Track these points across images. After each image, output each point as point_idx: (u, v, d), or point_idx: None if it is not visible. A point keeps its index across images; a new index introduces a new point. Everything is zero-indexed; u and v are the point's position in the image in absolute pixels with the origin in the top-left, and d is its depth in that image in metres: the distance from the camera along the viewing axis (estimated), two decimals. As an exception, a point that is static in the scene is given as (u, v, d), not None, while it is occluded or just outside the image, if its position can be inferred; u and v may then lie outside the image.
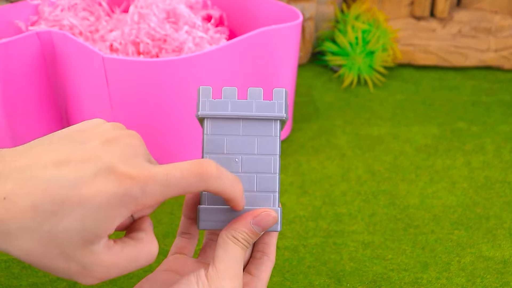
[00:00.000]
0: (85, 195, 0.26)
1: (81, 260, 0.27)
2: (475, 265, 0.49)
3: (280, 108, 0.35)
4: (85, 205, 0.26)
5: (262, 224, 0.34)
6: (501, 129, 0.71)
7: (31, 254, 0.26)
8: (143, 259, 0.30)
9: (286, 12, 0.64)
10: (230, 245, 0.33)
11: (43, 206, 0.25)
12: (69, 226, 0.26)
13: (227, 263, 0.32)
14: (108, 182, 0.26)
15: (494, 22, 0.84)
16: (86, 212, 0.26)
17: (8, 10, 0.64)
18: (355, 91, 0.80)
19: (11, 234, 0.26)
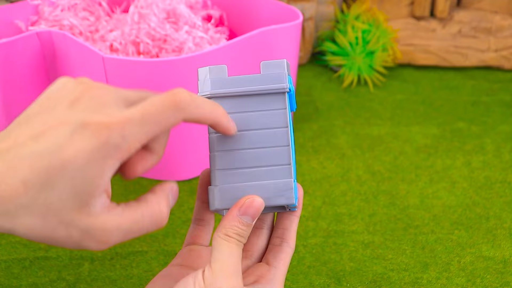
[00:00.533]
0: (66, 158, 0.26)
1: (80, 224, 0.27)
2: (475, 265, 0.49)
3: (289, 80, 0.33)
4: (69, 168, 0.26)
5: (249, 212, 0.33)
6: (501, 129, 0.71)
7: (34, 229, 0.26)
8: (147, 222, 0.29)
9: (286, 12, 0.64)
10: (223, 243, 0.32)
11: (31, 180, 0.26)
12: (61, 192, 0.26)
13: (223, 262, 0.31)
14: (85, 138, 0.26)
15: (494, 22, 0.84)
16: (73, 174, 0.26)
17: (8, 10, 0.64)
18: (355, 91, 0.80)
19: (12, 213, 0.26)
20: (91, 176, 0.26)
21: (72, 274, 0.47)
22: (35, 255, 0.49)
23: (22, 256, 0.49)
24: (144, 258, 0.49)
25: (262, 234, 0.38)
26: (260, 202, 0.33)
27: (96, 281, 0.47)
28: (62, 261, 0.49)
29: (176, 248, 0.51)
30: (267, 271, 0.35)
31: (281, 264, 0.36)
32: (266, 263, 0.36)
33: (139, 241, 0.51)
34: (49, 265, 0.48)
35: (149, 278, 0.47)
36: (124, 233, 0.28)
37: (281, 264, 0.36)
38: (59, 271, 0.48)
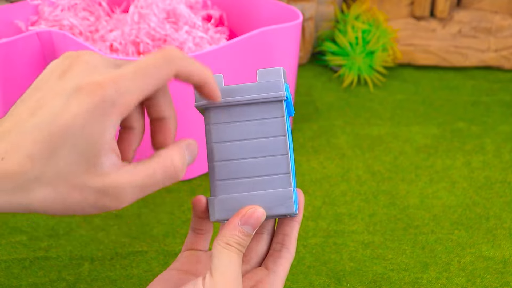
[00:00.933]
0: (65, 123, 0.26)
1: (92, 185, 0.27)
2: (475, 265, 0.49)
3: (286, 88, 0.33)
4: (70, 132, 0.26)
5: (250, 222, 0.33)
6: (501, 129, 0.71)
7: (49, 201, 0.27)
8: (160, 176, 0.29)
9: (286, 12, 0.64)
10: (223, 252, 0.32)
11: (36, 154, 0.26)
12: (67, 158, 0.26)
13: (223, 270, 0.31)
14: (80, 100, 0.27)
15: (494, 22, 0.84)
16: (74, 138, 0.26)
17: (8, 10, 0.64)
18: (355, 91, 0.80)
19: (24, 188, 0.26)
20: (92, 136, 0.26)
21: (72, 274, 0.47)
22: (35, 255, 0.49)
23: (22, 256, 0.49)
24: (144, 258, 0.49)
25: (262, 239, 0.38)
26: (261, 213, 0.33)
27: (96, 281, 0.47)
28: (62, 261, 0.49)
29: (176, 248, 0.51)
30: (266, 276, 0.35)
31: (280, 270, 0.36)
32: (266, 268, 0.36)
33: (139, 241, 0.51)
34: (49, 265, 0.48)
35: (149, 278, 0.47)
36: (139, 189, 0.28)
37: (280, 269, 0.36)
38: (59, 271, 0.48)
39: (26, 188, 0.26)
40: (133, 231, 0.52)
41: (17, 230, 0.52)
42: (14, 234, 0.52)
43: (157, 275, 0.47)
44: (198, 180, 0.60)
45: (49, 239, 0.51)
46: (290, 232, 0.37)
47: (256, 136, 0.34)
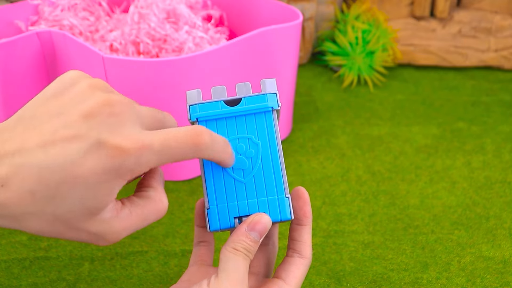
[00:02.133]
0: (79, 175, 0.26)
1: (90, 229, 0.28)
2: (475, 265, 0.49)
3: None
4: (81, 185, 0.26)
5: (257, 228, 0.33)
6: (501, 129, 0.71)
7: (43, 232, 0.27)
8: (152, 217, 0.30)
9: (286, 12, 0.64)
10: (230, 257, 0.32)
11: (40, 192, 0.26)
12: (70, 206, 0.26)
13: (229, 272, 0.32)
14: (100, 158, 0.26)
15: (494, 22, 0.84)
16: (84, 191, 0.26)
17: (8, 10, 0.64)
18: (355, 91, 0.80)
19: (18, 218, 0.26)
20: (101, 195, 0.27)
21: (72, 274, 0.47)
22: (35, 255, 0.49)
23: (22, 256, 0.49)
24: (144, 258, 0.49)
25: (267, 250, 0.38)
26: (267, 219, 0.33)
27: (96, 281, 0.47)
28: (62, 261, 0.49)
29: (176, 248, 0.51)
30: (274, 284, 0.35)
31: (291, 277, 0.35)
32: (277, 277, 0.36)
33: (139, 241, 0.51)
34: (49, 265, 0.48)
35: (149, 278, 0.47)
36: (132, 230, 0.29)
37: (291, 277, 0.35)
38: (59, 271, 0.48)
39: (19, 218, 0.26)
40: (133, 231, 0.52)
41: (17, 230, 0.52)
42: (14, 234, 0.52)
43: (157, 275, 0.47)
44: (198, 180, 0.60)
45: (49, 239, 0.51)
46: (299, 237, 0.36)
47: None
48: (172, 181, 0.59)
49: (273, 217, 0.34)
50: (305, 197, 0.36)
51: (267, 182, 0.34)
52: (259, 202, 0.34)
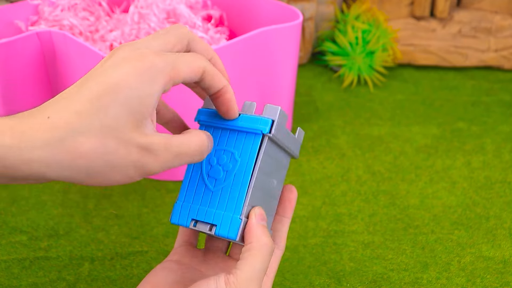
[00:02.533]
0: (116, 82, 0.27)
1: (139, 141, 0.28)
2: (475, 265, 0.49)
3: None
4: (121, 91, 0.27)
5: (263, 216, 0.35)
6: (501, 129, 0.71)
7: (94, 155, 0.27)
8: (193, 146, 0.30)
9: (286, 12, 0.64)
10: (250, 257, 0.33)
11: (85, 110, 0.27)
12: (117, 114, 0.27)
13: (250, 273, 0.32)
14: (130, 64, 0.28)
15: (494, 22, 0.84)
16: (125, 96, 0.27)
17: (8, 10, 0.64)
18: (355, 91, 0.80)
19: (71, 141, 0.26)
20: (143, 95, 0.27)
21: (72, 274, 0.47)
22: (35, 255, 0.49)
23: (22, 256, 0.49)
24: (144, 258, 0.49)
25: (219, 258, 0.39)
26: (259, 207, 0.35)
27: (96, 281, 0.47)
28: (62, 261, 0.49)
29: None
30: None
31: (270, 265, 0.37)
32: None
33: (139, 241, 0.51)
34: (49, 265, 0.48)
35: (149, 278, 0.47)
36: (174, 155, 0.29)
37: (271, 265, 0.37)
38: (59, 271, 0.48)
39: (72, 141, 0.26)
40: (133, 231, 0.52)
41: (17, 230, 0.52)
42: (14, 234, 0.52)
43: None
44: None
45: (49, 239, 0.51)
46: (281, 227, 0.38)
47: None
48: (172, 181, 0.59)
49: (220, 232, 0.34)
50: (294, 192, 0.39)
51: (230, 198, 0.35)
52: (216, 213, 0.34)
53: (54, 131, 0.26)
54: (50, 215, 0.54)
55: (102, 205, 0.56)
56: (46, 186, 0.58)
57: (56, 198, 0.57)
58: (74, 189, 0.58)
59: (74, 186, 0.58)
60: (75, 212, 0.55)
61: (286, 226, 0.38)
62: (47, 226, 0.53)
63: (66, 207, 0.55)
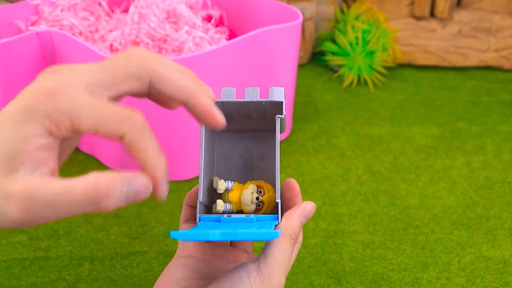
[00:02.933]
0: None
1: (3, 188, 0.25)
2: (475, 265, 0.49)
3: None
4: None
5: (308, 215, 0.35)
6: (501, 129, 0.71)
7: None
8: (78, 192, 0.25)
9: (286, 12, 0.64)
10: (283, 242, 0.33)
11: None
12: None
13: (281, 259, 0.33)
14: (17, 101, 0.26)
15: (494, 22, 0.84)
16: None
17: (8, 10, 0.64)
18: (355, 91, 0.80)
19: None
20: (13, 139, 0.25)
21: (72, 274, 0.47)
22: (35, 255, 0.49)
23: (22, 256, 0.49)
24: (144, 258, 0.49)
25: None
26: (314, 206, 0.36)
27: (96, 281, 0.47)
28: (62, 261, 0.49)
29: (176, 248, 0.51)
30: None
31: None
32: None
33: (139, 241, 0.51)
34: (49, 265, 0.48)
35: (149, 278, 0.47)
36: (49, 204, 0.25)
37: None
38: (59, 271, 0.48)
39: None
40: (133, 231, 0.52)
41: (17, 230, 0.52)
42: (14, 234, 0.52)
43: (157, 275, 0.47)
44: (197, 180, 0.60)
45: (49, 239, 0.51)
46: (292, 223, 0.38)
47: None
48: (172, 181, 0.59)
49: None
50: (296, 188, 0.38)
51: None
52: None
53: None
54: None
55: (102, 205, 0.56)
56: (46, 186, 0.58)
57: (56, 198, 0.57)
58: (74, 189, 0.58)
59: (74, 186, 0.58)
60: (75, 212, 0.55)
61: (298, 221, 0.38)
62: (47, 226, 0.53)
63: (66, 207, 0.55)
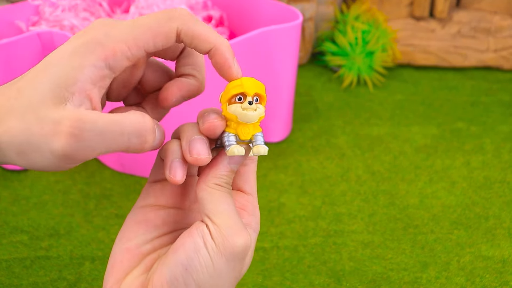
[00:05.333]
0: (50, 57, 0.27)
1: (53, 116, 0.25)
2: (474, 265, 0.50)
3: None
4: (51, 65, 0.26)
5: (237, 160, 0.31)
6: (500, 129, 0.71)
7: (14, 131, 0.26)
8: (128, 127, 0.26)
9: (286, 12, 0.64)
10: (216, 194, 0.29)
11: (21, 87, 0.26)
12: (42, 90, 0.26)
13: (225, 216, 0.29)
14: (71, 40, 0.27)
15: (493, 22, 0.84)
16: (52, 70, 0.26)
17: (9, 11, 0.64)
18: (355, 91, 0.80)
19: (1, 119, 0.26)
20: (68, 69, 0.26)
21: (73, 273, 0.48)
22: (36, 255, 0.49)
23: (23, 256, 0.49)
24: (144, 257, 0.50)
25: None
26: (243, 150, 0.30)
27: (97, 280, 0.47)
28: (63, 260, 0.49)
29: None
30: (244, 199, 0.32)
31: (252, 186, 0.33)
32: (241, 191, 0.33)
33: (140, 240, 0.51)
34: (50, 264, 0.48)
35: (150, 277, 0.48)
36: (98, 133, 0.26)
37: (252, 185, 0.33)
38: (60, 271, 0.48)
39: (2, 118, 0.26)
40: (133, 231, 0.52)
41: (18, 230, 0.52)
42: (15, 233, 0.52)
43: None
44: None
45: (49, 238, 0.51)
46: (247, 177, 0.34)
47: None
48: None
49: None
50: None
51: None
52: None
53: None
54: (51, 215, 0.54)
55: (102, 205, 0.56)
56: (47, 186, 0.58)
57: (57, 198, 0.57)
58: (74, 189, 0.58)
59: (75, 186, 0.59)
60: (76, 212, 0.55)
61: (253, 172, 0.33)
62: (47, 226, 0.53)
63: (67, 207, 0.55)
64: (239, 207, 0.32)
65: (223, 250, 0.28)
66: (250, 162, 0.33)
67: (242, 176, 0.33)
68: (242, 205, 0.32)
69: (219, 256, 0.28)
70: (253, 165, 0.33)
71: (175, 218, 0.32)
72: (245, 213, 0.32)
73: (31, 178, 0.60)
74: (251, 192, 0.33)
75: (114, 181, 0.59)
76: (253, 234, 0.32)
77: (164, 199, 0.32)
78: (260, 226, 0.46)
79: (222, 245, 0.28)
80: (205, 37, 0.28)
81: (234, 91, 0.29)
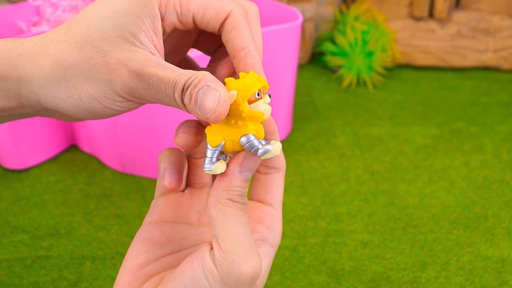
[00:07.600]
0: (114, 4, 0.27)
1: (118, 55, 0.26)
2: (474, 264, 0.50)
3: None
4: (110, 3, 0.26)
5: (250, 166, 0.27)
6: (499, 129, 0.71)
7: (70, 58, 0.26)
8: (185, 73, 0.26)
9: (286, 13, 0.64)
10: (228, 212, 0.26)
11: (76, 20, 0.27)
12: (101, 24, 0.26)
13: (234, 237, 0.26)
14: None
15: (492, 22, 0.85)
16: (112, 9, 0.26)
17: (10, 11, 0.64)
18: (354, 91, 0.80)
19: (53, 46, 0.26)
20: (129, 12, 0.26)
21: (73, 273, 0.48)
22: (36, 254, 0.50)
23: (24, 255, 0.49)
24: (145, 257, 0.50)
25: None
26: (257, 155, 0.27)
27: (97, 280, 0.47)
28: (64, 260, 0.49)
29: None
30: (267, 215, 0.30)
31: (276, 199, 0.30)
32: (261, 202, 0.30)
33: (140, 240, 0.52)
34: (51, 264, 0.49)
35: (150, 277, 0.48)
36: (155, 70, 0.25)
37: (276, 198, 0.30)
38: (61, 270, 0.48)
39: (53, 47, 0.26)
40: (133, 230, 0.53)
41: (18, 230, 0.52)
42: (16, 233, 0.52)
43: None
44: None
45: (50, 238, 0.51)
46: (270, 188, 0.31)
47: None
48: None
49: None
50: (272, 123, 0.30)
51: None
52: None
53: (44, 37, 0.27)
54: (52, 215, 0.54)
55: (103, 205, 0.56)
56: (48, 186, 0.59)
57: (57, 197, 0.57)
58: (75, 189, 0.58)
59: (75, 186, 0.59)
60: (76, 212, 0.55)
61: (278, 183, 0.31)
62: (48, 226, 0.53)
63: (67, 207, 0.56)
64: (255, 221, 0.30)
65: (227, 279, 0.26)
66: (274, 172, 0.30)
67: (263, 184, 0.30)
68: (259, 218, 0.30)
69: (221, 286, 0.26)
70: (278, 175, 0.30)
71: (183, 235, 0.30)
72: (261, 226, 0.29)
73: (31, 178, 0.60)
74: (272, 203, 0.30)
75: (114, 181, 0.59)
76: (270, 250, 0.29)
77: (169, 214, 0.30)
78: None
79: (226, 273, 0.26)
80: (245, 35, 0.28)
81: (256, 87, 0.26)
